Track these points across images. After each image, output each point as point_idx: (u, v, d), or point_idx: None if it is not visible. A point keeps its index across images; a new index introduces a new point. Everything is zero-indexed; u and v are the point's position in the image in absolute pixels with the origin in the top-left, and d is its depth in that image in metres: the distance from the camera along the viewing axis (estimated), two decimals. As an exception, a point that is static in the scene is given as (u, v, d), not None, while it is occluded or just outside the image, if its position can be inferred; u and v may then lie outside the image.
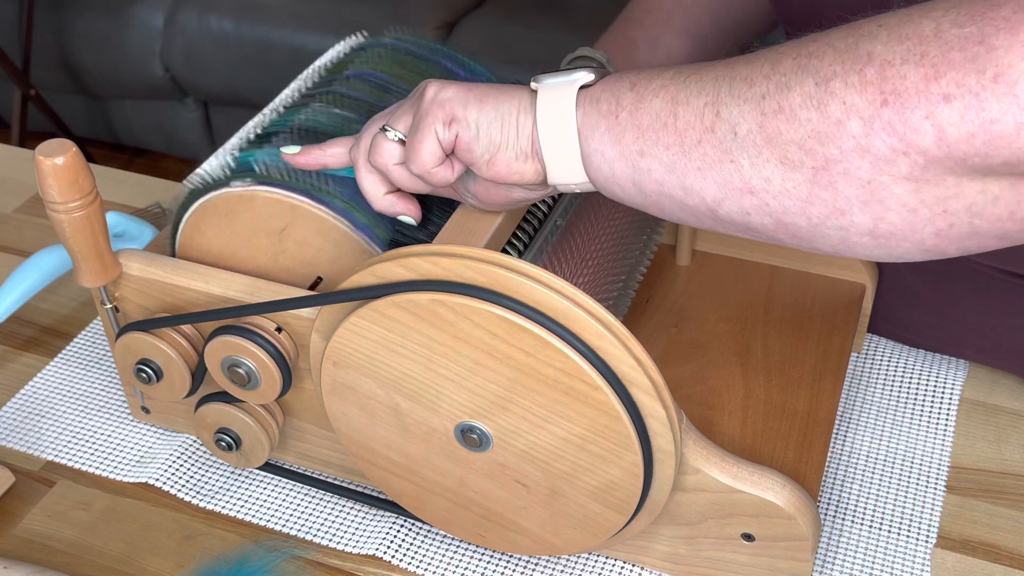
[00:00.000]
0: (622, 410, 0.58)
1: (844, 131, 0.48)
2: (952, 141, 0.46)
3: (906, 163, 0.47)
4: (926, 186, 0.48)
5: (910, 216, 0.49)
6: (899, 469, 0.76)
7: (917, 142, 0.46)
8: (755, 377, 0.76)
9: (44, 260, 0.87)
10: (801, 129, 0.49)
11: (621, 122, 0.55)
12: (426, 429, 0.64)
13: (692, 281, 0.85)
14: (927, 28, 0.46)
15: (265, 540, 0.73)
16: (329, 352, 0.63)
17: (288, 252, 0.70)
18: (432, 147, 0.59)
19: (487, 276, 0.58)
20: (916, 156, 0.47)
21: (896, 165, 0.47)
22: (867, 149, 0.47)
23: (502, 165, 0.59)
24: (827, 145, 0.48)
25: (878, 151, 0.47)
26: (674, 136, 0.53)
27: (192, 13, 2.19)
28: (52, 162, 0.63)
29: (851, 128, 0.47)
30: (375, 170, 0.64)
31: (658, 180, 0.55)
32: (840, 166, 0.48)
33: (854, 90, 0.47)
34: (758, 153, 0.50)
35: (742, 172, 0.51)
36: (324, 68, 0.81)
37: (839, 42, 0.48)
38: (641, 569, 0.70)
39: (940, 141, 0.46)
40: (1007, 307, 0.79)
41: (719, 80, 0.52)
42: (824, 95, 0.48)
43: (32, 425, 0.82)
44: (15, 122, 2.24)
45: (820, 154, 0.49)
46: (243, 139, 0.75)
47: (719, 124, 0.51)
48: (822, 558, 0.71)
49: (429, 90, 0.60)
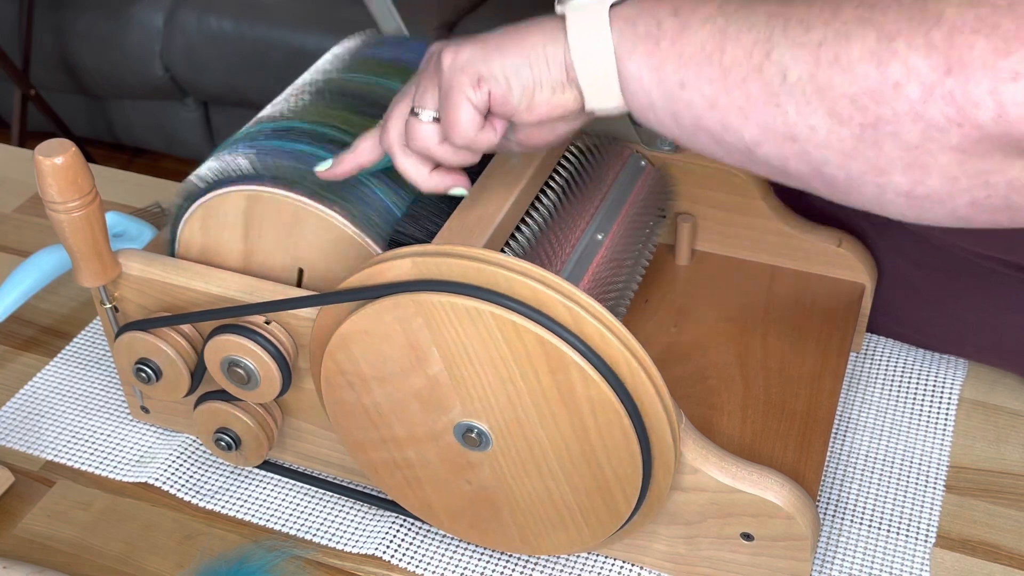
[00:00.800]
0: (621, 410, 0.58)
1: (901, 94, 0.46)
2: (1012, 120, 0.45)
3: (958, 134, 0.46)
4: (972, 158, 0.47)
5: (949, 184, 0.48)
6: (898, 469, 0.76)
7: (976, 116, 0.45)
8: (755, 377, 0.76)
9: (44, 260, 0.87)
10: (856, 84, 0.47)
11: (662, 49, 0.52)
12: (425, 429, 0.64)
13: (692, 281, 0.85)
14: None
15: (265, 540, 0.73)
16: (329, 351, 0.63)
17: (288, 252, 0.70)
18: (469, 115, 0.57)
19: (486, 276, 0.58)
20: (971, 129, 0.46)
21: (948, 135, 0.46)
22: (922, 115, 0.46)
23: (542, 105, 0.57)
24: (881, 105, 0.47)
25: (933, 119, 0.46)
26: (719, 71, 0.51)
27: (192, 13, 2.19)
28: (52, 162, 0.63)
29: (909, 92, 0.46)
30: (413, 153, 0.62)
31: (697, 114, 0.53)
32: (890, 127, 0.47)
33: (918, 53, 0.45)
34: (807, 101, 0.49)
35: (787, 118, 0.50)
36: (325, 65, 0.81)
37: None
38: (640, 569, 0.70)
39: (1000, 118, 0.45)
40: (1006, 303, 0.79)
41: (772, 19, 0.49)
42: (886, 53, 0.46)
43: (32, 425, 0.82)
44: (15, 122, 2.24)
45: (872, 112, 0.47)
46: (243, 139, 0.75)
47: (768, 65, 0.49)
48: (821, 558, 0.71)
49: (445, 57, 0.58)
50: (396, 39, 0.85)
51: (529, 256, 0.69)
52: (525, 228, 0.71)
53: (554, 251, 0.70)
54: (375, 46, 0.83)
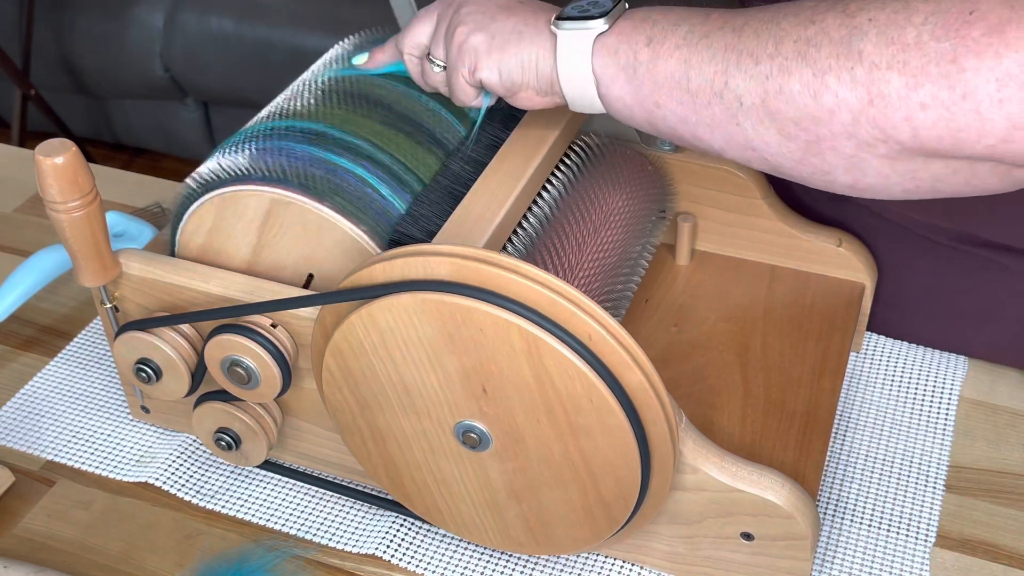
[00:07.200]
0: (620, 410, 0.58)
1: (835, 119, 0.55)
2: (924, 139, 0.54)
3: (884, 148, 0.55)
4: (899, 162, 0.56)
5: (884, 180, 0.57)
6: (898, 468, 0.76)
7: (896, 136, 0.54)
8: (754, 376, 0.76)
9: (44, 260, 0.87)
10: (798, 111, 0.56)
11: (639, 75, 0.61)
12: (425, 428, 0.64)
13: (692, 281, 0.85)
14: (910, 36, 0.52)
15: (265, 539, 0.73)
16: (329, 351, 0.63)
17: (289, 251, 0.70)
18: (463, 89, 0.69)
19: (486, 276, 0.58)
20: (893, 144, 0.55)
21: (876, 148, 0.55)
22: (853, 134, 0.55)
23: (524, 100, 0.67)
24: (820, 126, 0.56)
25: (862, 137, 0.55)
26: (687, 95, 0.60)
27: (192, 13, 2.19)
28: (52, 162, 0.63)
29: (841, 117, 0.55)
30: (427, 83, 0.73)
31: (671, 126, 0.62)
32: (829, 143, 0.56)
33: (846, 87, 0.54)
34: (760, 122, 0.58)
35: (746, 134, 0.59)
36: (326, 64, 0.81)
37: (834, 31, 0.55)
38: (641, 568, 0.70)
39: (915, 138, 0.54)
40: (1005, 298, 0.79)
41: (728, 51, 0.58)
42: (820, 87, 0.55)
43: (32, 425, 0.82)
44: (15, 122, 2.24)
45: (813, 132, 0.56)
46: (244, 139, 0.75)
47: (727, 92, 0.58)
48: (821, 557, 0.71)
49: (459, 33, 0.67)
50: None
51: (529, 256, 0.69)
52: (525, 228, 0.71)
53: (553, 251, 0.70)
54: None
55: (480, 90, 0.69)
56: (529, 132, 0.75)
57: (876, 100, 0.53)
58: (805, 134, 0.57)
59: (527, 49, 0.65)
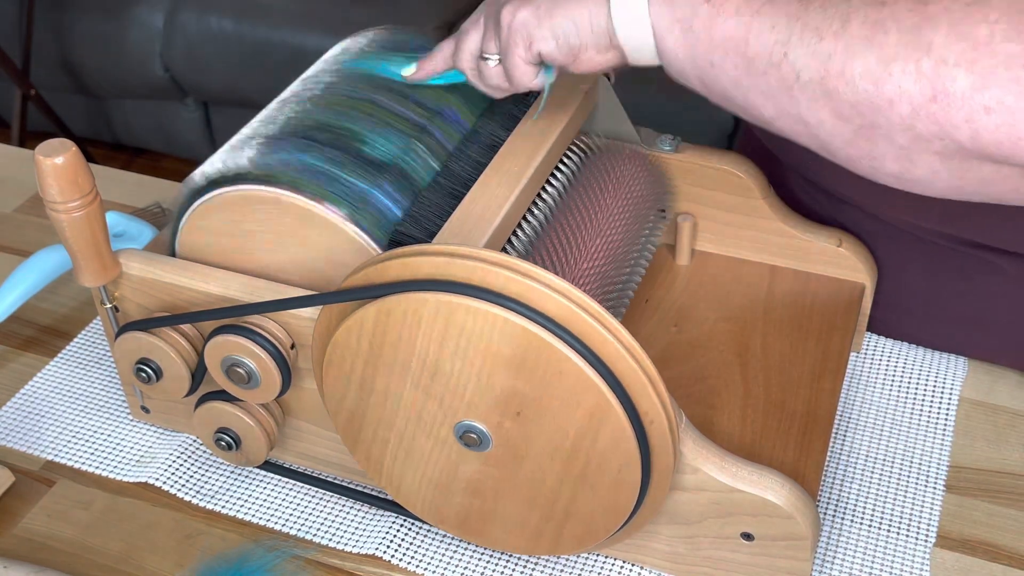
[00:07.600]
0: (620, 410, 0.58)
1: (894, 110, 0.53)
2: (984, 143, 0.52)
3: (940, 145, 0.53)
4: (952, 160, 0.54)
5: (932, 175, 0.56)
6: (898, 468, 0.76)
7: (954, 135, 0.52)
8: (754, 377, 0.76)
9: (44, 260, 0.87)
10: (857, 96, 0.54)
11: (695, 31, 0.59)
12: (429, 408, 0.64)
13: (692, 281, 0.85)
14: (982, 33, 0.50)
15: (265, 540, 0.73)
16: (329, 351, 0.63)
17: (289, 252, 0.70)
18: (523, 71, 0.67)
19: (486, 276, 0.58)
20: (950, 143, 0.53)
21: (931, 144, 0.53)
22: (910, 128, 0.53)
23: (586, 62, 0.65)
24: (877, 114, 0.54)
25: (919, 131, 0.53)
26: (743, 59, 0.58)
27: (192, 13, 2.19)
28: (52, 162, 0.63)
29: (900, 109, 0.53)
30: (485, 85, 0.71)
31: (723, 88, 0.60)
32: (884, 131, 0.54)
33: (911, 78, 0.52)
34: (815, 99, 0.56)
35: (799, 107, 0.57)
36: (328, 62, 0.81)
37: (905, 16, 0.52)
38: (641, 568, 0.70)
39: (974, 140, 0.52)
40: (1004, 298, 0.79)
41: (792, 21, 0.56)
42: (883, 75, 0.53)
43: (32, 425, 0.82)
44: (15, 122, 2.24)
45: (869, 118, 0.54)
46: (247, 138, 0.75)
47: (785, 64, 0.56)
48: (821, 557, 0.71)
49: (505, 14, 0.65)
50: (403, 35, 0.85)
51: (529, 256, 0.69)
52: (526, 227, 0.71)
53: (554, 251, 0.70)
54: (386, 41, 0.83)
55: (539, 67, 0.67)
56: (529, 132, 0.75)
57: (940, 97, 0.51)
58: (860, 118, 0.55)
59: (577, 8, 0.63)
